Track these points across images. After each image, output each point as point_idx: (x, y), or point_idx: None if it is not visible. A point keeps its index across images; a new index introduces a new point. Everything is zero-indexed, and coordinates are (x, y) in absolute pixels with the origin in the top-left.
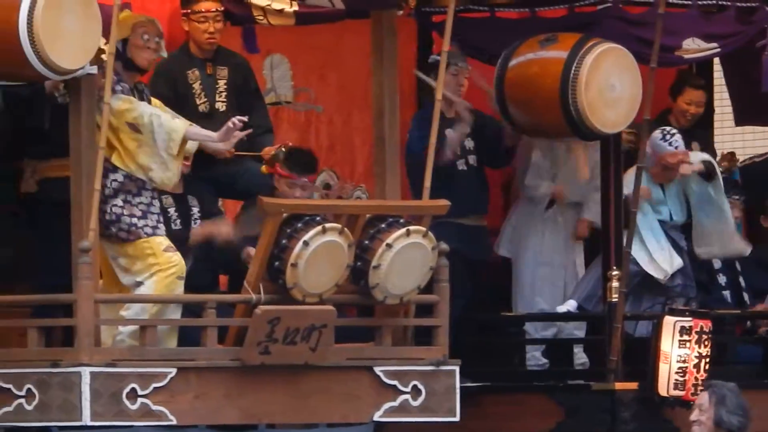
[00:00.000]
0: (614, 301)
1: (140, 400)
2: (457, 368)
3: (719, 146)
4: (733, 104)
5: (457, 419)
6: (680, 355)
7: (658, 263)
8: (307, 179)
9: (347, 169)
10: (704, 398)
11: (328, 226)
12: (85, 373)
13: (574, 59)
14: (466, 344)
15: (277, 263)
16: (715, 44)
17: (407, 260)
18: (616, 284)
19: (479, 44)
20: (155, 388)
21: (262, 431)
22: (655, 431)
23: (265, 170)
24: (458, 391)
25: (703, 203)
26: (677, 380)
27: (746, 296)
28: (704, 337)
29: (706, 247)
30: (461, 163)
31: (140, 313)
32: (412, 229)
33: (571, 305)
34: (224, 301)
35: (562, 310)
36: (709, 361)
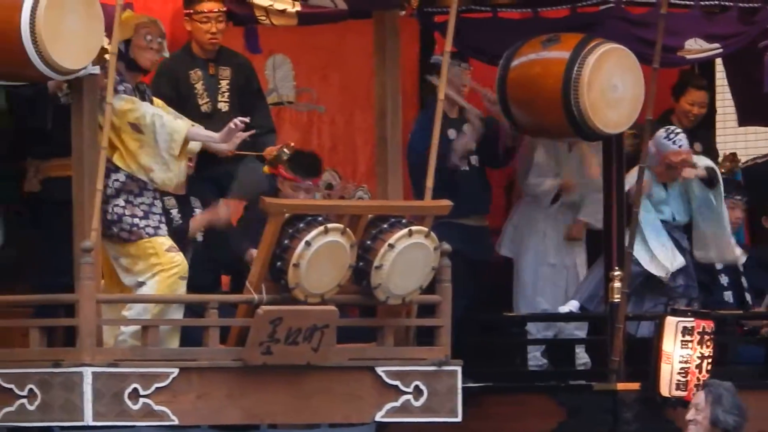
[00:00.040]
0: (616, 301)
1: (142, 400)
2: (459, 368)
3: (721, 147)
4: (735, 105)
5: (458, 419)
6: (682, 355)
7: (659, 261)
8: (311, 182)
9: (349, 169)
10: (700, 397)
11: (330, 226)
12: (87, 373)
13: (576, 59)
14: (468, 344)
15: (279, 263)
16: (717, 45)
17: (409, 260)
18: (618, 285)
19: (481, 45)
20: (157, 388)
21: (263, 431)
22: None
23: (267, 171)
24: (460, 391)
25: (703, 208)
26: (679, 381)
27: (748, 297)
28: (706, 337)
29: (703, 250)
30: (463, 163)
31: (142, 313)
32: (414, 229)
33: (573, 305)
34: (226, 301)
35: (564, 310)
36: (711, 361)
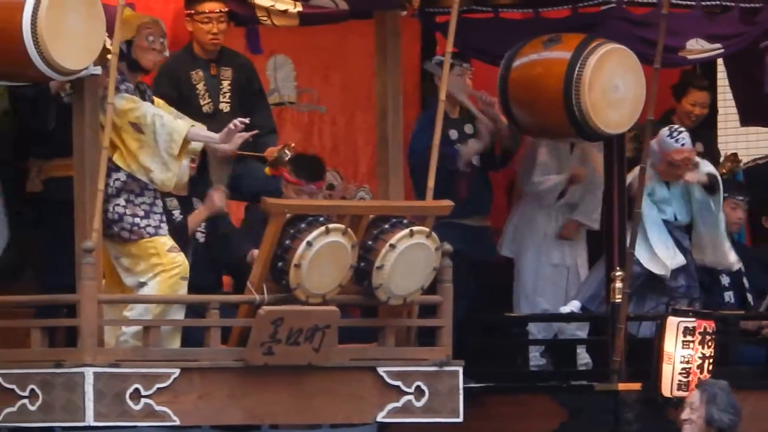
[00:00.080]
0: (617, 301)
1: (144, 400)
2: (460, 369)
3: (723, 147)
4: (736, 105)
5: (460, 420)
6: (683, 355)
7: (659, 259)
8: (314, 186)
9: (350, 169)
10: (695, 397)
11: (331, 226)
12: (88, 373)
13: (577, 60)
14: (469, 345)
15: (280, 264)
16: (718, 45)
17: (411, 261)
18: (619, 285)
19: (483, 45)
20: (159, 388)
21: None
22: None
23: (268, 172)
24: (461, 391)
25: (702, 212)
26: (680, 381)
27: (750, 297)
28: (708, 337)
29: (699, 253)
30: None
31: (144, 313)
32: (415, 229)
33: (574, 306)
34: (228, 301)
35: (565, 310)
36: (712, 361)
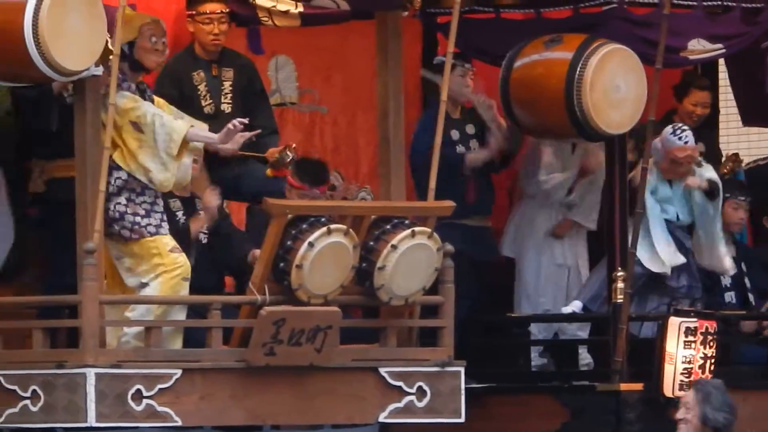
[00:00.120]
0: (619, 302)
1: (145, 401)
2: (462, 369)
3: (724, 147)
4: (738, 105)
5: (462, 420)
6: (685, 356)
7: (660, 258)
8: (318, 190)
9: (352, 170)
10: (690, 396)
11: (333, 227)
12: (90, 374)
13: (579, 60)
14: (471, 345)
15: (282, 264)
16: (720, 45)
17: (412, 261)
18: (621, 285)
19: (484, 45)
20: (160, 389)
21: None
22: None
23: (270, 173)
24: (463, 392)
25: (701, 215)
26: (682, 381)
27: (751, 297)
28: (709, 338)
29: (697, 255)
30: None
31: (145, 314)
32: (417, 230)
33: (576, 306)
34: (229, 302)
35: (567, 310)
36: (714, 362)
